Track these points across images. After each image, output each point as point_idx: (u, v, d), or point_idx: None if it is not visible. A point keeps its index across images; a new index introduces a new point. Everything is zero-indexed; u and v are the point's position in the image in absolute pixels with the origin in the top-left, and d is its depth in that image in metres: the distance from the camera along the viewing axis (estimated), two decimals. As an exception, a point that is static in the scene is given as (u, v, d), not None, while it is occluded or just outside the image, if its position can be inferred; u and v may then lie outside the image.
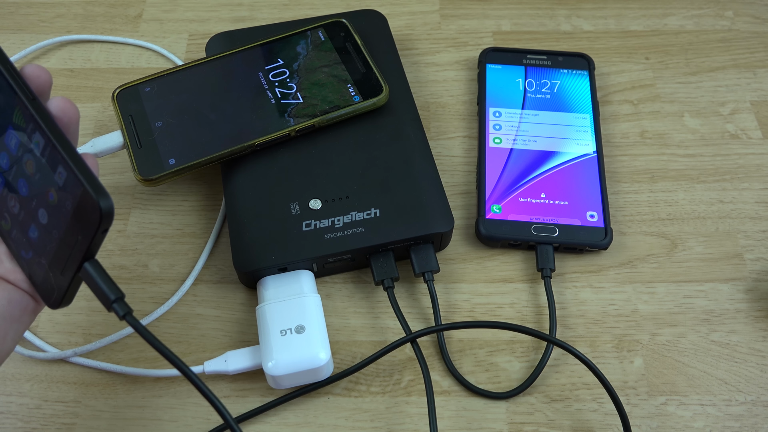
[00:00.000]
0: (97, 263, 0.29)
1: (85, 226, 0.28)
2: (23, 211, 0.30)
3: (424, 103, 0.52)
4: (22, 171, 0.30)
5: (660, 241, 0.46)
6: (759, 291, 0.44)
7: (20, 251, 0.31)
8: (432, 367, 0.42)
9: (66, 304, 0.31)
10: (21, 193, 0.30)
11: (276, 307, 0.41)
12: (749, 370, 0.42)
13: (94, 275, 0.29)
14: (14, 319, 0.30)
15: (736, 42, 0.56)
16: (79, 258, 0.28)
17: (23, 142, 0.29)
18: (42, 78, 0.31)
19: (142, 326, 0.29)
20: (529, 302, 0.44)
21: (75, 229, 0.28)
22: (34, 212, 0.29)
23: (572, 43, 0.55)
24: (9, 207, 0.31)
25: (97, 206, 0.27)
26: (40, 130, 0.28)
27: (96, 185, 0.27)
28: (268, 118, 0.45)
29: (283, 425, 0.40)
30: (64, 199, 0.28)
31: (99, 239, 0.28)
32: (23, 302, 0.31)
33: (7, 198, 0.31)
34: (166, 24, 0.57)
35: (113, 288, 0.29)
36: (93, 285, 0.29)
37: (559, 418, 0.40)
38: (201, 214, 0.48)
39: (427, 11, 0.57)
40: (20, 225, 0.30)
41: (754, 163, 0.50)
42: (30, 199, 0.30)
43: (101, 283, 0.29)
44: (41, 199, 0.29)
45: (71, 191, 0.28)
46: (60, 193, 0.28)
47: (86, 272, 0.29)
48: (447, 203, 0.44)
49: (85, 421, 0.40)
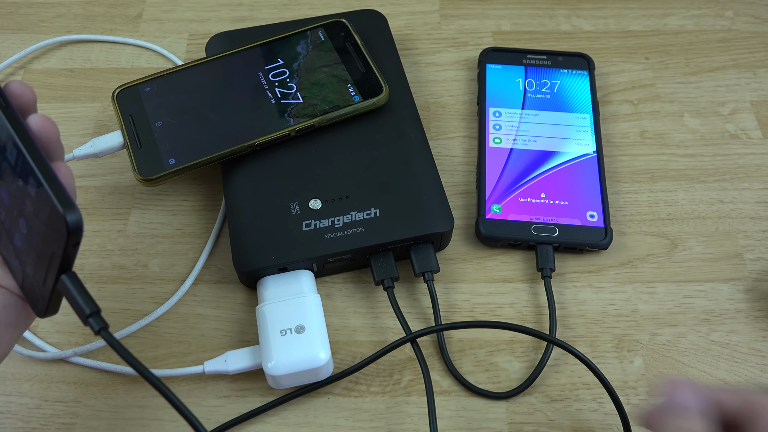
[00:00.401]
0: (74, 276, 0.28)
1: (57, 239, 0.27)
2: (8, 218, 0.29)
3: (424, 103, 0.52)
4: (4, 179, 0.29)
5: (660, 241, 0.46)
6: (759, 291, 0.44)
7: (10, 258, 0.30)
8: (432, 367, 0.42)
9: (51, 314, 0.30)
10: (4, 201, 0.29)
11: (276, 307, 0.41)
12: (749, 370, 0.42)
13: (70, 288, 0.28)
14: (10, 323, 0.30)
15: (736, 42, 0.56)
16: (55, 269, 0.28)
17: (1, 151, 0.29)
18: (26, 96, 0.30)
19: (118, 343, 0.28)
20: (529, 302, 0.44)
21: (49, 240, 0.27)
22: (17, 221, 0.29)
23: (572, 43, 0.55)
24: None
25: (64, 221, 0.26)
26: (12, 139, 0.28)
27: (63, 198, 0.26)
28: (268, 118, 0.45)
29: (283, 425, 0.40)
30: (38, 210, 0.27)
31: (72, 252, 0.27)
32: (18, 307, 0.31)
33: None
34: (166, 24, 0.57)
35: (89, 302, 0.28)
36: (70, 298, 0.28)
37: (559, 418, 0.40)
38: (201, 214, 0.48)
39: (427, 11, 0.57)
40: (7, 233, 0.30)
41: (754, 163, 0.50)
42: (11, 207, 0.29)
43: (77, 296, 0.28)
44: (20, 209, 0.28)
45: (43, 203, 0.27)
46: (34, 204, 0.27)
47: (63, 285, 0.28)
48: (447, 203, 0.44)
49: (85, 421, 0.40)
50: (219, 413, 0.40)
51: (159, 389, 0.29)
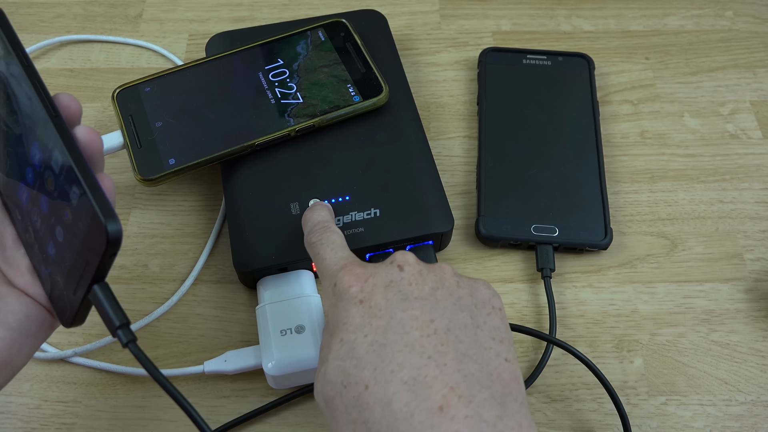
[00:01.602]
0: (107, 286, 0.29)
1: (95, 248, 0.27)
2: (44, 226, 0.30)
3: (424, 103, 0.52)
4: (43, 187, 0.29)
5: (660, 241, 0.46)
6: (759, 291, 0.44)
7: (40, 266, 0.31)
8: (432, 367, 0.42)
9: (78, 324, 0.30)
10: (42, 209, 0.30)
11: (276, 307, 0.41)
12: (749, 370, 0.42)
13: (101, 299, 0.28)
14: (31, 334, 0.30)
15: (736, 42, 0.56)
16: (88, 279, 0.28)
17: (45, 158, 0.29)
18: (72, 108, 0.31)
19: (145, 356, 0.29)
20: (529, 302, 0.44)
21: (86, 250, 0.28)
22: (53, 229, 0.29)
23: (572, 43, 0.55)
24: (33, 221, 0.31)
25: (105, 230, 0.26)
26: (59, 147, 0.28)
27: (106, 209, 0.26)
28: (268, 118, 0.45)
29: (283, 425, 0.40)
30: (77, 219, 0.28)
31: (108, 263, 0.27)
32: (41, 317, 0.31)
33: (31, 212, 0.31)
34: (166, 24, 0.57)
35: (119, 314, 0.29)
36: (100, 308, 0.28)
37: (559, 418, 0.40)
38: (201, 214, 0.48)
39: (427, 11, 0.57)
40: (41, 240, 0.30)
41: (754, 163, 0.50)
42: (49, 215, 0.29)
43: (108, 307, 0.28)
44: (58, 217, 0.29)
45: (84, 212, 0.27)
46: (74, 213, 0.28)
47: (95, 295, 0.28)
48: (447, 203, 0.44)
49: (85, 421, 0.40)
50: (219, 413, 0.40)
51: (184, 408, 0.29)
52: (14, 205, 0.32)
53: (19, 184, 0.31)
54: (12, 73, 0.31)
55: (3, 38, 0.31)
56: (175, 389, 0.29)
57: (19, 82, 0.30)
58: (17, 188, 0.31)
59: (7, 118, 0.32)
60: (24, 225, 0.31)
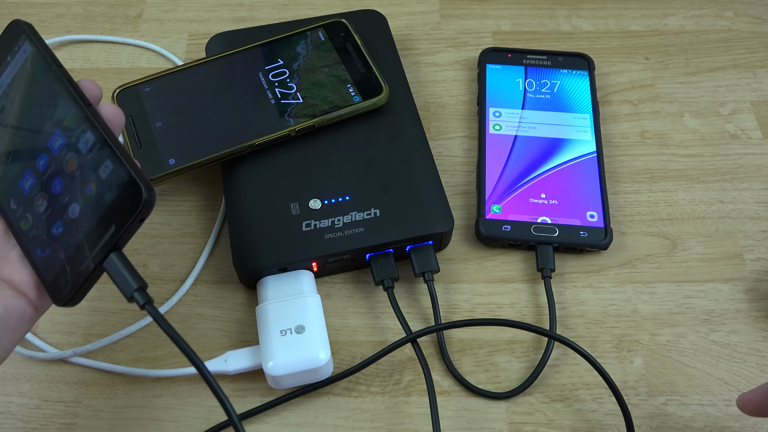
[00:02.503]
0: (122, 254, 0.30)
1: (123, 214, 0.30)
2: (51, 208, 0.32)
3: (424, 103, 0.52)
4: (60, 170, 0.32)
5: (660, 241, 0.46)
6: (759, 291, 0.44)
7: (35, 249, 0.32)
8: (432, 367, 0.42)
9: (75, 303, 0.31)
10: (53, 191, 0.32)
11: (276, 307, 0.41)
12: (749, 370, 0.42)
13: (118, 264, 0.30)
14: (9, 327, 0.31)
15: (736, 42, 0.56)
16: (107, 248, 0.30)
17: (70, 142, 0.32)
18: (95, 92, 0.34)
19: (163, 318, 0.30)
20: (529, 302, 0.44)
21: (109, 219, 0.30)
22: (64, 208, 0.32)
23: (572, 43, 0.55)
24: (34, 207, 0.33)
25: (141, 193, 0.29)
26: (92, 129, 0.32)
27: (142, 177, 0.30)
28: (268, 118, 0.45)
29: (283, 425, 0.40)
30: (105, 191, 0.30)
31: (134, 227, 0.30)
32: (20, 310, 0.31)
33: (34, 198, 0.33)
34: (166, 24, 0.57)
35: (137, 277, 0.30)
36: (117, 274, 0.30)
37: (559, 418, 0.40)
38: (201, 214, 0.48)
39: (427, 11, 0.57)
40: (44, 222, 0.32)
41: (754, 163, 0.50)
42: (62, 195, 0.32)
43: (125, 271, 0.30)
44: (76, 194, 0.31)
45: (114, 183, 0.30)
46: (100, 186, 0.31)
47: (111, 262, 0.30)
48: (447, 203, 0.44)
49: (85, 421, 0.40)
50: (219, 413, 0.40)
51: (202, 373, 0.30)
52: (7, 197, 0.34)
53: (22, 174, 0.33)
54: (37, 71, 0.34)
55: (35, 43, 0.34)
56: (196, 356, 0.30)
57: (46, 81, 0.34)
58: (18, 179, 0.33)
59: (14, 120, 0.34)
60: (21, 213, 0.33)
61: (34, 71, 0.34)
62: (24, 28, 0.35)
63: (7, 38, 0.35)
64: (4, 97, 0.35)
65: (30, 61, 0.34)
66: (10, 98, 0.35)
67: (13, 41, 0.35)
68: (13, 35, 0.35)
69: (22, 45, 0.35)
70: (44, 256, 0.32)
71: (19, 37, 0.35)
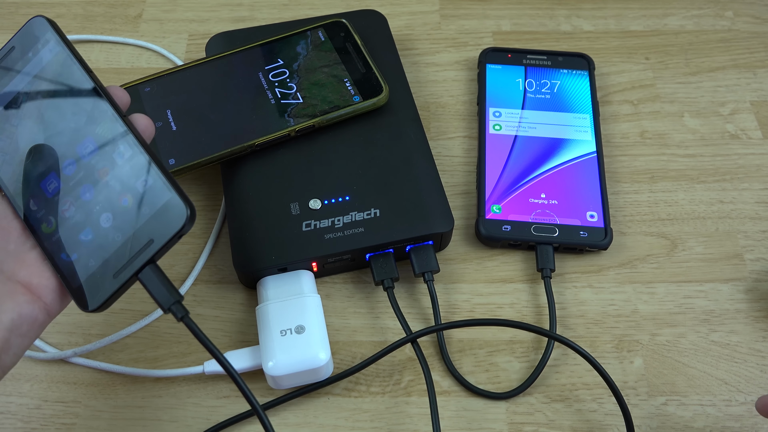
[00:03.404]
0: (157, 266, 0.31)
1: (164, 230, 0.30)
2: (79, 213, 0.32)
3: (424, 103, 0.52)
4: (90, 177, 0.32)
5: (660, 241, 0.46)
6: (759, 291, 0.44)
7: (60, 254, 0.32)
8: (432, 367, 0.42)
9: (103, 310, 0.31)
10: (82, 197, 0.32)
11: (276, 307, 0.41)
12: (749, 370, 0.42)
13: (155, 278, 0.31)
14: (21, 333, 0.30)
15: (736, 42, 0.56)
16: (144, 260, 0.30)
17: (102, 151, 0.32)
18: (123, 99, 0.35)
19: (199, 330, 0.31)
20: (529, 302, 0.44)
21: (148, 233, 0.30)
22: (96, 216, 0.32)
23: (572, 43, 0.55)
24: (60, 211, 0.32)
25: (185, 212, 0.30)
26: (128, 141, 0.32)
27: (183, 194, 0.30)
28: (268, 118, 0.45)
29: (283, 425, 0.40)
30: (142, 204, 0.31)
31: (172, 243, 0.30)
32: (32, 316, 0.31)
33: (59, 203, 0.33)
34: (166, 24, 0.57)
35: (174, 291, 0.31)
36: (154, 286, 0.31)
37: (559, 418, 0.40)
38: (201, 214, 0.48)
39: (427, 11, 0.57)
40: (71, 227, 0.32)
41: (754, 163, 0.50)
42: (93, 202, 0.32)
43: (162, 284, 0.31)
44: (109, 204, 0.32)
45: (154, 197, 0.31)
46: (138, 199, 0.31)
47: (148, 274, 0.31)
48: (447, 203, 0.44)
49: (85, 421, 0.40)
50: (219, 413, 0.40)
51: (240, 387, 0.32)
52: (27, 197, 0.33)
53: (45, 176, 0.33)
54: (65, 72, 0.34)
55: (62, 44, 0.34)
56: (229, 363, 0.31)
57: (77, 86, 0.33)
58: (40, 180, 0.33)
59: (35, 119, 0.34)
60: (43, 215, 0.33)
61: (61, 73, 0.34)
62: (49, 26, 0.34)
63: (29, 33, 0.35)
64: (24, 95, 0.34)
65: (56, 60, 0.34)
66: (31, 96, 0.34)
67: (36, 37, 0.34)
68: (36, 31, 0.35)
69: (48, 43, 0.34)
70: (70, 261, 0.32)
71: (43, 35, 0.34)
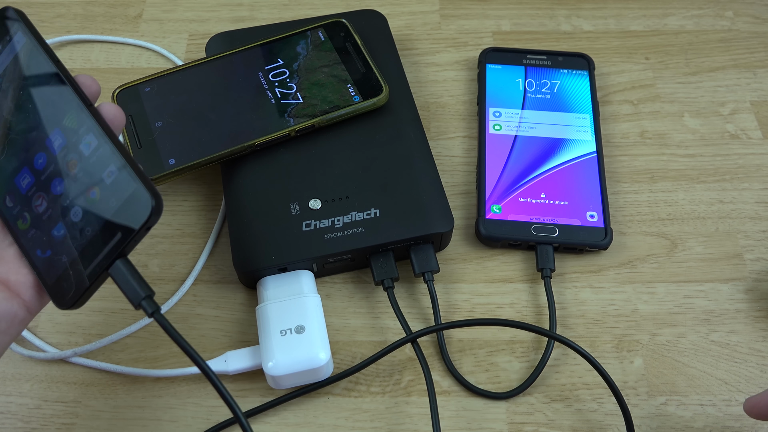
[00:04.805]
0: (128, 261, 0.30)
1: (130, 222, 0.29)
2: (51, 209, 0.31)
3: (424, 103, 0.52)
4: (59, 170, 0.31)
5: (660, 241, 0.46)
6: (759, 291, 0.44)
7: (35, 250, 0.31)
8: (432, 367, 0.42)
9: (79, 306, 0.31)
10: (53, 192, 0.31)
11: (276, 307, 0.41)
12: (749, 370, 0.42)
13: (125, 272, 0.30)
14: (1, 330, 0.30)
15: (736, 42, 0.56)
16: (113, 255, 0.29)
17: (70, 143, 0.31)
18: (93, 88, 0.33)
19: (170, 325, 0.30)
20: (529, 302, 0.44)
21: (115, 226, 0.29)
22: (66, 210, 0.31)
23: (572, 43, 0.55)
24: (33, 206, 0.32)
25: (150, 203, 0.29)
26: (95, 131, 0.31)
27: (149, 184, 0.29)
28: (268, 118, 0.46)
29: (283, 425, 0.40)
30: (109, 196, 0.30)
31: (140, 236, 0.29)
32: (11, 312, 0.30)
33: (32, 198, 0.32)
34: (166, 24, 0.57)
35: (144, 285, 0.30)
36: (124, 281, 0.30)
37: (559, 418, 0.40)
38: (201, 214, 0.48)
39: (427, 11, 0.57)
40: (44, 223, 0.31)
41: (754, 163, 0.50)
42: (63, 197, 0.31)
43: (132, 279, 0.30)
44: (78, 197, 0.31)
45: (120, 189, 0.30)
46: (105, 191, 0.30)
47: (117, 269, 0.30)
48: (447, 203, 0.44)
49: (85, 421, 0.40)
50: (219, 413, 0.40)
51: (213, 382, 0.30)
52: (4, 193, 0.33)
53: (18, 172, 0.32)
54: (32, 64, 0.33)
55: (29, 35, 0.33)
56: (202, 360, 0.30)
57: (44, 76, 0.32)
58: (14, 176, 0.33)
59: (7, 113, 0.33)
60: (19, 212, 0.32)
61: (29, 64, 0.33)
62: (16, 17, 0.34)
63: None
64: None
65: (24, 52, 0.33)
66: (2, 90, 0.33)
67: (3, 30, 0.34)
68: (2, 23, 0.34)
69: (15, 35, 0.33)
70: (45, 257, 0.31)
71: (11, 27, 0.34)
